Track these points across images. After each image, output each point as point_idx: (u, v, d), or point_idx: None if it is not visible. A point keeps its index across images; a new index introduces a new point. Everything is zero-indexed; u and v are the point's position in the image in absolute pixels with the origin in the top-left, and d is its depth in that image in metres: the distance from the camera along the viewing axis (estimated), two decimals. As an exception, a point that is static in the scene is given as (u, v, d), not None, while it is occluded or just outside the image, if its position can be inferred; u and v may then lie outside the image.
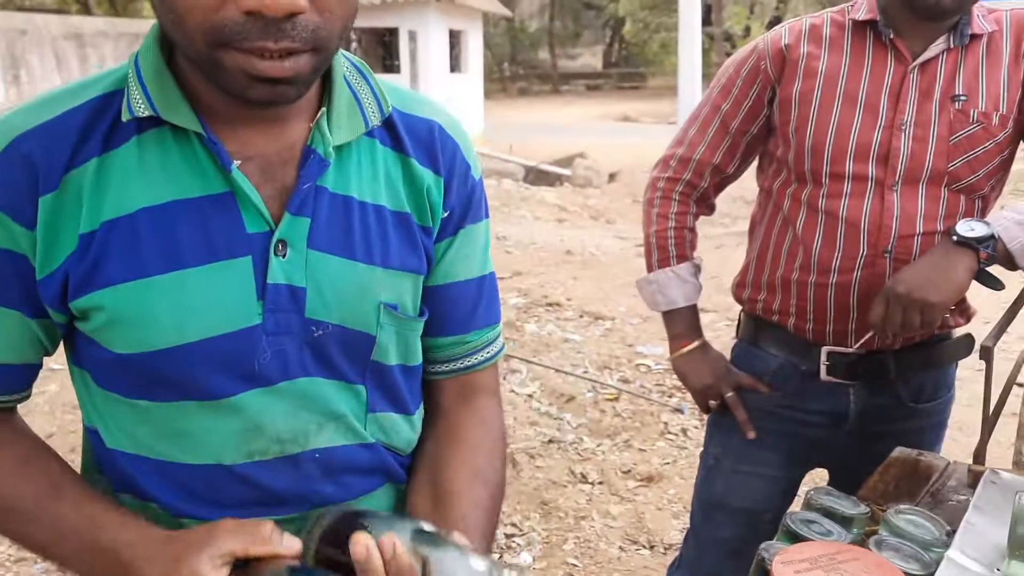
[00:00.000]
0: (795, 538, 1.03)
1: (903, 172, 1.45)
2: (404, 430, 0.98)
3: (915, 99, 1.45)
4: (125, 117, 0.80)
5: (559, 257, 7.20)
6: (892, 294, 1.38)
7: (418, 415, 1.01)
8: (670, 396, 4.23)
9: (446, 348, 1.01)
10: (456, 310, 1.00)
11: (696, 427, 3.93)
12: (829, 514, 1.12)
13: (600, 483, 3.49)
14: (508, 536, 3.14)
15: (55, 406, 3.80)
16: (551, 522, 3.24)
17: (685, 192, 1.69)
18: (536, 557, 3.04)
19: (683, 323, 1.73)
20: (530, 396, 4.19)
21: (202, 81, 0.80)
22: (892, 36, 1.46)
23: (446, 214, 0.95)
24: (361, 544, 0.76)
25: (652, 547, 3.10)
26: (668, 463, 3.64)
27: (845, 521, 1.11)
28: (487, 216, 1.02)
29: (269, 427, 0.87)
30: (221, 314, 0.83)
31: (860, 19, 1.48)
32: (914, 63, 1.45)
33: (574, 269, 6.81)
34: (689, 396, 4.20)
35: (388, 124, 0.92)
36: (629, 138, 16.43)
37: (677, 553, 1.98)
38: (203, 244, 0.82)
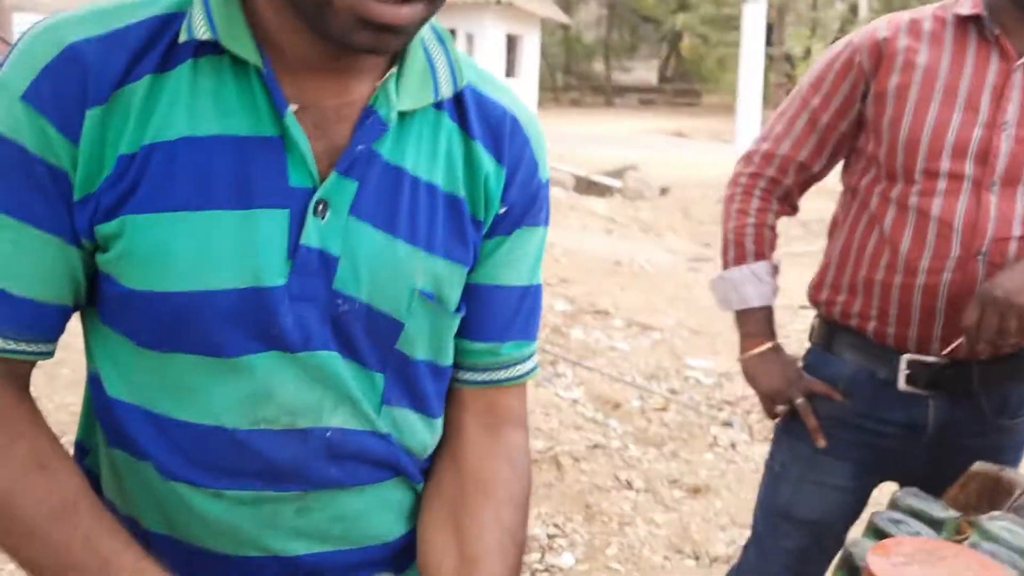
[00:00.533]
0: (882, 537, 0.99)
1: (1002, 172, 1.41)
2: (420, 432, 0.91)
3: (1019, 99, 1.40)
4: (183, 38, 0.75)
5: (607, 267, 7.16)
6: (989, 298, 1.34)
7: (440, 422, 0.94)
8: (720, 409, 4.17)
9: (476, 355, 0.94)
10: (493, 316, 0.92)
11: (746, 441, 3.87)
12: (917, 516, 1.08)
13: (646, 491, 3.45)
14: (551, 537, 3.11)
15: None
16: (594, 525, 3.20)
17: (767, 188, 1.65)
18: (578, 559, 3.00)
19: (756, 323, 1.69)
20: (575, 401, 4.16)
21: (282, 15, 0.75)
22: (997, 33, 1.42)
23: (503, 210, 0.88)
24: None
25: (697, 558, 3.05)
26: (716, 475, 3.58)
27: (934, 524, 1.07)
28: (546, 224, 0.95)
29: (280, 396, 0.81)
30: (246, 266, 0.77)
31: (964, 14, 1.44)
32: (1019, 62, 1.41)
33: (622, 280, 6.77)
34: (739, 410, 4.18)
35: (459, 100, 0.86)
36: (682, 153, 16.32)
37: (728, 566, 1.94)
38: (240, 187, 0.76)
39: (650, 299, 6.10)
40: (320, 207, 0.78)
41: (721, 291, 1.71)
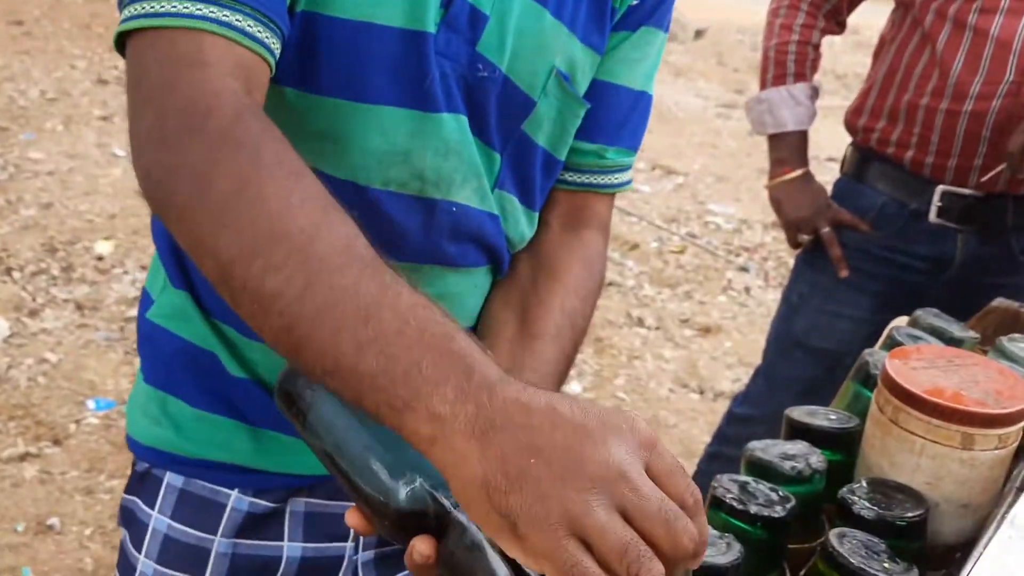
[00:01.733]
0: (900, 351, 0.99)
1: None
2: (522, 223, 0.91)
3: None
4: None
5: (635, 109, 6.98)
6: None
7: (537, 217, 0.94)
8: (737, 255, 4.16)
9: (582, 155, 0.93)
10: (607, 115, 0.91)
11: (760, 287, 3.88)
12: (936, 334, 1.07)
13: (656, 328, 3.49)
14: (560, 365, 3.17)
15: (118, 190, 3.84)
16: (604, 358, 3.25)
17: (815, 3, 1.56)
18: (586, 388, 3.07)
19: (789, 148, 1.64)
20: (594, 239, 4.15)
21: None
22: None
23: (635, 1, 0.87)
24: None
25: (702, 392, 3.11)
26: (728, 317, 3.61)
27: (953, 343, 1.06)
28: (667, 31, 0.93)
29: (416, 159, 0.80)
30: (408, 5, 0.75)
31: None
32: None
33: (649, 122, 6.60)
34: (757, 256, 4.17)
35: None
36: (721, -2, 15.63)
37: (736, 392, 1.96)
38: None
39: (676, 143, 5.97)
40: None
41: (756, 113, 1.65)
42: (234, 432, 0.87)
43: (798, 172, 1.64)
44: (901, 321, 1.26)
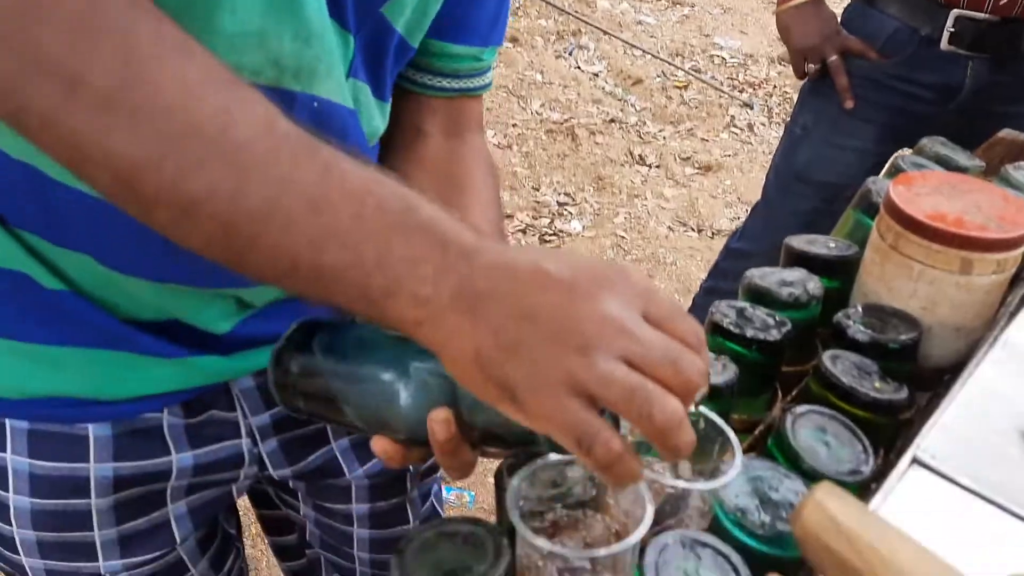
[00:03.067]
0: (903, 179, 0.97)
1: None
2: (376, 116, 0.80)
3: None
4: None
5: (640, -64, 6.65)
6: None
7: (388, 108, 0.84)
8: (741, 91, 4.06)
9: (457, 60, 0.85)
10: (479, 15, 0.83)
11: (763, 124, 3.81)
12: (941, 162, 1.05)
13: (657, 167, 3.45)
14: (561, 205, 3.17)
15: None
16: (604, 196, 3.24)
17: None
18: (586, 226, 3.07)
19: (799, -28, 1.57)
20: (596, 75, 4.05)
21: None
22: None
23: None
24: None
25: (700, 231, 3.12)
26: (729, 155, 3.57)
27: (958, 171, 1.04)
28: None
29: (273, 43, 0.65)
30: None
31: None
32: None
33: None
34: (761, 92, 4.08)
35: None
36: None
37: (732, 230, 1.96)
38: None
39: (682, -27, 5.73)
40: None
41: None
42: (66, 359, 0.73)
43: (809, -3, 1.57)
44: (906, 151, 1.24)
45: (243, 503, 1.03)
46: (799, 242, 0.93)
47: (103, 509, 0.79)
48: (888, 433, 0.76)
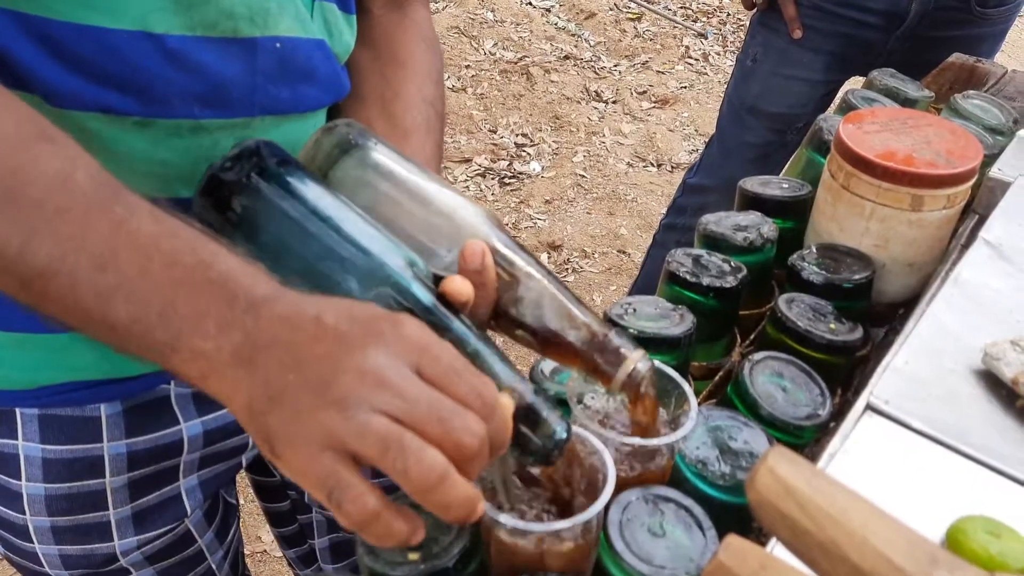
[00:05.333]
0: (854, 114, 0.97)
1: None
2: (345, 32, 0.80)
3: None
4: None
5: None
6: None
7: (355, 19, 0.83)
8: (695, 20, 4.02)
9: None
10: None
11: (718, 53, 3.79)
12: (891, 95, 1.05)
13: (614, 102, 3.43)
14: (519, 146, 3.14)
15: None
16: (562, 135, 3.22)
17: None
18: (545, 167, 3.05)
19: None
20: (548, 10, 3.98)
21: None
22: None
23: None
24: (480, 249, 0.57)
25: (659, 165, 3.11)
26: (685, 87, 3.55)
27: (908, 103, 1.05)
28: None
29: None
30: None
31: None
32: None
33: None
34: (715, 20, 4.04)
35: None
36: None
37: (691, 163, 1.95)
38: None
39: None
40: None
41: None
42: (76, 345, 0.73)
43: (755, -74, 1.55)
44: (856, 83, 1.24)
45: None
46: (752, 184, 0.93)
47: (117, 487, 0.80)
48: (844, 372, 0.78)
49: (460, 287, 0.55)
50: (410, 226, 0.60)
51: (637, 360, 0.55)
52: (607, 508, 0.56)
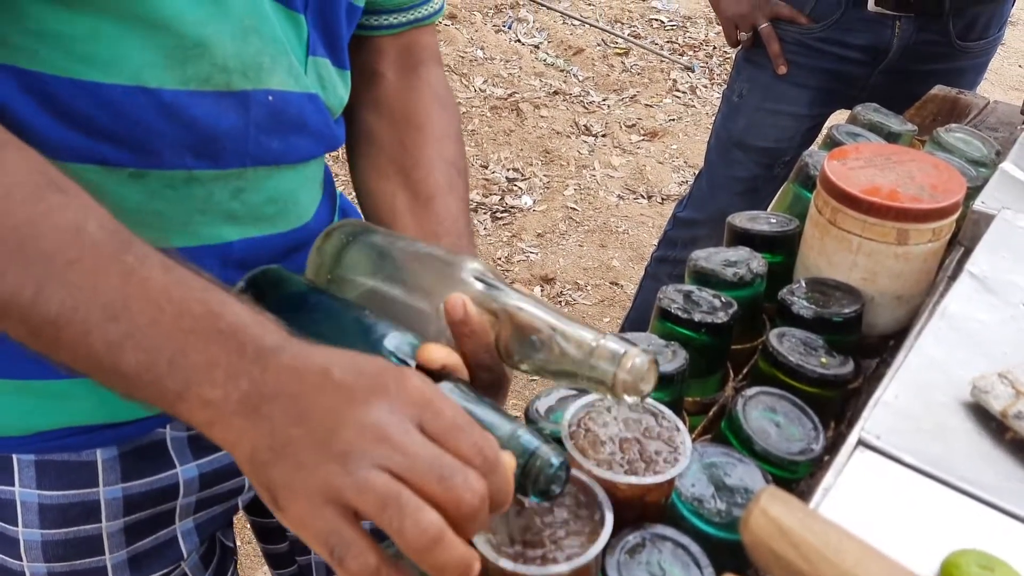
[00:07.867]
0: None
1: None
2: (339, 87, 0.80)
3: None
4: None
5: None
6: None
7: (349, 75, 0.84)
8: (682, 54, 4.08)
9: None
10: None
11: (706, 86, 3.83)
12: (875, 129, 1.07)
13: (603, 135, 3.46)
14: (510, 181, 3.16)
15: None
16: (552, 169, 3.24)
17: None
18: (536, 201, 3.08)
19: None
20: (536, 47, 4.03)
21: None
22: None
23: None
24: (459, 302, 0.60)
25: (650, 197, 3.14)
26: (673, 120, 3.58)
27: (891, 137, 1.06)
28: None
29: (215, 48, 0.65)
30: None
31: None
32: None
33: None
34: (701, 54, 4.09)
35: None
36: None
37: (681, 196, 1.97)
38: None
39: (615, -62, 5.71)
40: None
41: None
42: (74, 391, 0.73)
43: (738, -34, 1.58)
44: (840, 118, 1.26)
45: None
46: (741, 219, 0.95)
47: (113, 532, 0.79)
48: (837, 405, 0.79)
49: (431, 355, 0.56)
50: (401, 301, 0.65)
51: (634, 356, 0.56)
52: (605, 549, 0.56)
